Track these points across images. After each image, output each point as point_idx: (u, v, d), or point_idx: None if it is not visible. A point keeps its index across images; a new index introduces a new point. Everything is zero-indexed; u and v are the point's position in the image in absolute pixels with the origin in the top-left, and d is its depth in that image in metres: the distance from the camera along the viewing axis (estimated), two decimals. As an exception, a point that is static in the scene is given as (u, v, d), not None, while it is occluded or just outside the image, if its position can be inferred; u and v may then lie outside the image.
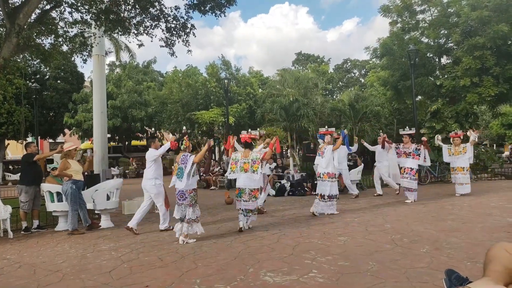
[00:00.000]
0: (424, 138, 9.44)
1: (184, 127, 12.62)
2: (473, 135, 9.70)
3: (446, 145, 9.78)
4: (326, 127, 8.38)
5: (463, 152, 9.28)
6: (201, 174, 13.19)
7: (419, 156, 8.64)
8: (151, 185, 6.95)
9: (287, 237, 5.44)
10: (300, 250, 4.67)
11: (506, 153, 31.17)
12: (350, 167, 10.83)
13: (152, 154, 6.85)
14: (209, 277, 3.80)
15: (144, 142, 31.89)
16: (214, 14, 9.20)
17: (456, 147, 9.51)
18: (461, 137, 9.72)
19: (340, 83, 38.87)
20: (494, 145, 37.26)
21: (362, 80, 36.13)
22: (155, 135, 30.05)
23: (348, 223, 6.33)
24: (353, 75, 41.24)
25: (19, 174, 7.66)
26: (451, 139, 9.78)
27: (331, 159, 7.40)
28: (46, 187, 7.33)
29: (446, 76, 15.12)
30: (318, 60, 39.21)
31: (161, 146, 6.86)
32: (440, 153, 14.81)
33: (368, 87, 26.60)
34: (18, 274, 4.33)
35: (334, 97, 32.20)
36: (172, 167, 6.11)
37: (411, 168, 8.61)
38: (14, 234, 6.85)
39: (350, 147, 9.38)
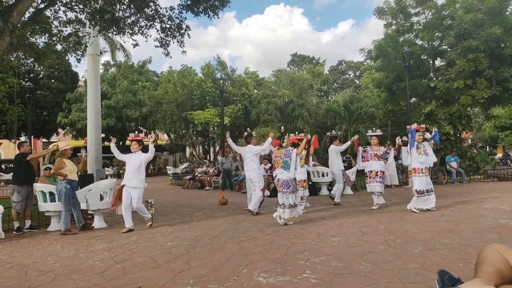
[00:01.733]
0: (399, 140, 9.02)
1: (282, 127, 12.75)
2: (430, 136, 8.63)
3: (405, 147, 9.09)
4: (374, 129, 8.61)
5: (423, 153, 8.61)
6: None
7: (386, 160, 8.26)
8: (256, 174, 8.10)
9: (281, 238, 5.44)
10: (293, 251, 4.67)
11: (499, 155, 31.44)
12: (345, 168, 10.84)
13: (253, 149, 8.21)
14: (203, 277, 3.79)
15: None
16: (207, 15, 9.17)
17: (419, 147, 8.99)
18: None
19: (335, 84, 39.05)
20: (487, 147, 37.59)
21: (357, 82, 36.32)
22: (149, 135, 29.93)
23: (341, 224, 6.35)
24: (348, 76, 41.45)
25: (12, 173, 7.59)
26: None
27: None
28: (39, 187, 7.27)
29: (440, 78, 15.25)
30: (314, 61, 39.32)
31: (229, 143, 8.51)
32: (436, 154, 15.01)
33: (362, 89, 26.74)
34: (9, 275, 4.29)
35: (329, 98, 32.30)
36: (273, 161, 7.19)
37: (382, 171, 8.17)
38: (6, 234, 6.78)
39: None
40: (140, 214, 6.96)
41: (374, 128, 9.01)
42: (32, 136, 23.47)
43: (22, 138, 25.87)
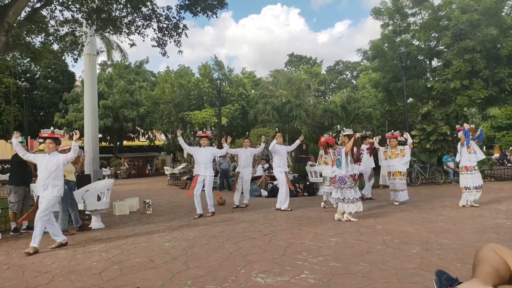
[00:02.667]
0: (371, 140, 8.96)
1: (338, 126, 12.73)
2: (409, 138, 8.59)
3: (382, 148, 8.96)
4: (345, 128, 8.18)
5: (401, 156, 8.46)
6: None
7: (360, 161, 7.86)
8: (277, 172, 8.61)
9: (279, 238, 5.44)
10: (291, 251, 4.67)
11: (496, 155, 31.57)
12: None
13: (273, 148, 8.55)
14: (200, 278, 3.79)
15: (136, 143, 31.71)
16: (205, 15, 9.17)
17: (392, 149, 8.68)
18: (398, 138, 8.81)
19: (332, 84, 39.11)
20: (484, 147, 37.73)
21: (354, 82, 36.37)
22: (148, 135, 29.89)
23: (339, 224, 6.36)
24: (345, 76, 41.51)
25: (8, 174, 7.55)
26: (387, 140, 8.93)
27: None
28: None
29: (436, 78, 15.31)
30: (311, 61, 39.37)
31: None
32: (431, 154, 15.08)
33: (360, 89, 26.79)
34: (6, 276, 4.27)
35: (327, 98, 32.34)
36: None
37: (354, 174, 7.43)
38: (3, 235, 6.74)
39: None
40: (49, 231, 5.51)
41: (344, 128, 8.49)
42: (29, 137, 23.37)
43: (19, 139, 25.73)
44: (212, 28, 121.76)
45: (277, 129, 12.63)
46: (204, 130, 8.77)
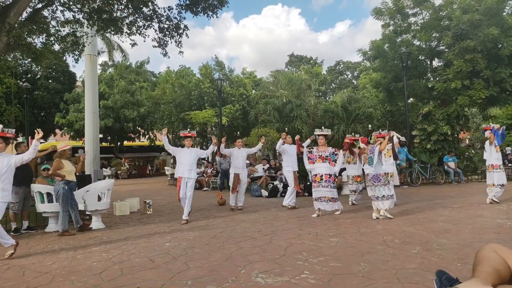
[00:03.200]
0: (346, 140, 8.70)
1: (370, 125, 12.72)
2: (395, 136, 8.07)
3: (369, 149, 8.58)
4: (323, 127, 8.15)
5: (388, 156, 7.77)
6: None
7: (335, 162, 7.42)
8: (285, 171, 8.85)
9: (279, 238, 5.44)
10: (292, 251, 4.67)
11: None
12: (340, 170, 10.82)
13: (280, 148, 8.69)
14: (201, 278, 3.79)
15: (136, 143, 31.73)
16: (206, 15, 9.18)
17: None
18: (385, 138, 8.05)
19: (333, 84, 39.10)
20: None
21: (355, 82, 36.35)
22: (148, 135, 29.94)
23: (340, 224, 6.36)
24: (345, 77, 41.49)
25: (9, 174, 7.53)
26: (372, 141, 8.47)
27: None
28: (36, 187, 7.25)
29: (437, 78, 15.29)
30: (311, 61, 39.36)
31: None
32: (432, 155, 15.06)
33: (360, 89, 26.78)
34: (6, 276, 4.27)
35: (327, 98, 32.33)
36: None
37: (329, 174, 7.38)
38: (3, 235, 6.74)
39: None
40: None
41: (322, 127, 8.32)
42: (30, 137, 23.38)
43: (20, 139, 25.78)
44: (212, 28, 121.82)
45: (286, 129, 12.56)
46: (189, 129, 8.34)
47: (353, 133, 8.50)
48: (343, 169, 11.22)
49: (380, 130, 8.64)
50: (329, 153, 7.49)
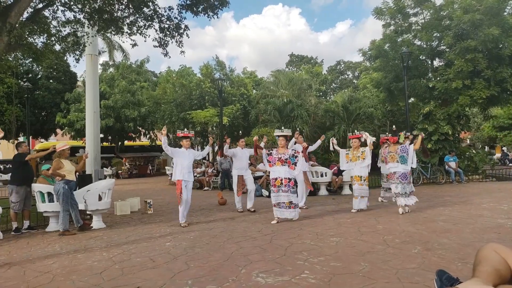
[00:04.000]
0: (304, 144, 8.53)
1: (394, 126, 12.69)
2: (369, 138, 7.72)
3: (344, 150, 8.21)
4: (283, 128, 7.68)
5: (362, 158, 7.69)
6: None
7: (295, 165, 6.89)
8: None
9: (280, 238, 5.44)
10: (292, 251, 4.67)
11: (498, 155, 31.51)
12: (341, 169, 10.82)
13: (292, 147, 8.37)
14: (201, 278, 3.79)
15: (137, 143, 31.75)
16: (206, 15, 9.18)
17: (354, 152, 7.90)
18: (361, 139, 7.98)
19: (334, 84, 39.08)
20: (486, 147, 37.65)
21: (356, 82, 36.33)
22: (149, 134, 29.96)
23: (340, 224, 6.35)
24: (346, 76, 41.47)
25: (10, 174, 7.57)
26: (350, 141, 8.23)
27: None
28: (37, 187, 7.26)
29: (438, 78, 15.26)
30: (312, 61, 39.34)
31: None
32: (433, 154, 15.04)
33: (361, 89, 26.76)
34: (7, 275, 4.28)
35: (328, 98, 32.32)
36: (383, 156, 8.11)
37: (288, 178, 6.85)
38: (4, 234, 6.77)
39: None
40: None
41: (282, 128, 7.83)
42: (31, 137, 23.44)
43: (21, 139, 25.85)
44: (213, 28, 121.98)
45: (284, 128, 12.43)
46: (186, 130, 7.74)
47: (387, 133, 8.42)
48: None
49: (355, 130, 8.43)
50: (289, 155, 6.95)
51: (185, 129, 7.69)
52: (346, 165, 8.08)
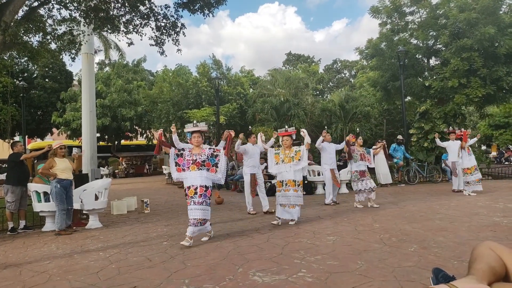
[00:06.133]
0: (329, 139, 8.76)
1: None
2: (307, 136, 6.70)
3: (272, 148, 6.97)
4: (286, 127, 6.93)
5: (296, 159, 6.41)
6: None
7: (216, 167, 5.47)
8: (322, 169, 9.16)
9: (277, 237, 5.44)
10: (289, 249, 4.68)
11: (494, 153, 31.65)
12: (340, 167, 10.86)
13: (319, 145, 8.69)
14: (198, 277, 3.79)
15: (134, 142, 31.67)
16: (202, 13, 9.15)
17: (286, 151, 6.54)
18: (293, 136, 6.83)
19: (331, 83, 39.12)
20: (482, 145, 37.81)
21: (352, 81, 36.36)
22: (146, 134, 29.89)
23: (337, 223, 6.36)
24: (343, 75, 41.51)
25: (5, 173, 7.55)
26: (280, 139, 6.93)
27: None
28: (33, 187, 7.22)
29: (434, 77, 15.32)
30: (308, 60, 39.35)
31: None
32: (429, 153, 15.10)
33: (358, 88, 26.79)
34: (3, 275, 4.26)
35: (325, 97, 32.34)
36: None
37: (205, 186, 5.36)
38: (0, 234, 6.73)
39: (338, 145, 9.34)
40: None
41: (194, 121, 6.09)
42: (26, 136, 23.30)
43: (16, 138, 25.69)
44: (208, 26, 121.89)
45: (290, 127, 12.21)
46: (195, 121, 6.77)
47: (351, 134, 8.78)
48: (343, 166, 11.29)
49: (286, 127, 7.04)
50: (207, 156, 5.42)
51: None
52: (276, 167, 6.59)
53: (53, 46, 9.51)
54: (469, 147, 9.70)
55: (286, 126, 7.02)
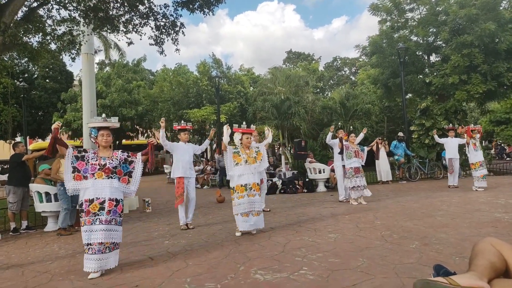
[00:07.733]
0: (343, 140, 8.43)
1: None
2: (271, 136, 6.54)
3: (231, 147, 5.92)
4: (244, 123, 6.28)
5: (259, 160, 5.90)
6: None
7: (129, 176, 4.40)
8: (335, 165, 9.14)
9: (278, 235, 5.45)
10: (290, 247, 4.68)
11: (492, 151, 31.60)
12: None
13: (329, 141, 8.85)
14: (200, 276, 3.79)
15: (135, 141, 31.69)
16: (202, 12, 9.14)
17: (247, 151, 5.86)
18: (252, 134, 6.22)
19: (331, 81, 39.05)
20: (483, 141, 37.75)
21: (353, 78, 36.33)
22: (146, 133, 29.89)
23: (338, 220, 6.36)
24: (343, 73, 41.46)
25: (7, 174, 7.57)
26: (238, 137, 6.02)
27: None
28: (35, 187, 7.24)
29: (435, 73, 15.30)
30: (309, 58, 39.31)
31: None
32: (430, 150, 15.09)
33: (358, 85, 26.77)
34: (6, 276, 4.28)
35: (325, 95, 32.31)
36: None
37: (115, 200, 4.23)
38: (2, 235, 6.76)
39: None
40: None
41: (103, 114, 4.39)
42: (28, 137, 23.33)
43: (18, 139, 25.74)
44: (206, 25, 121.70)
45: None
46: (183, 122, 6.79)
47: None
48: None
49: (244, 123, 6.33)
50: (119, 161, 4.30)
51: (182, 121, 6.83)
52: (238, 169, 5.68)
53: (53, 46, 9.52)
54: (475, 143, 9.64)
55: (244, 123, 6.21)
